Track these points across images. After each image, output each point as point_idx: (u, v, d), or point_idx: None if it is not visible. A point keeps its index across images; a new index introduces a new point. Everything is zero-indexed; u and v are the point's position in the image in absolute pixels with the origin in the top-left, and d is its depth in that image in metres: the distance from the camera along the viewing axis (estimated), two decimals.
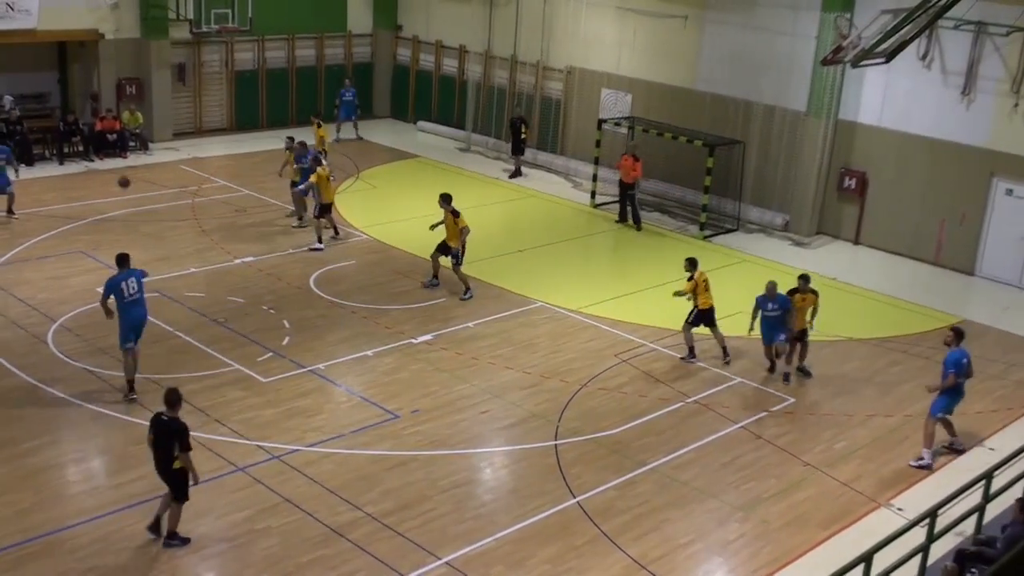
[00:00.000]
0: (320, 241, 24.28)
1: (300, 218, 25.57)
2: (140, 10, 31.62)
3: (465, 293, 21.86)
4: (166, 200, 27.12)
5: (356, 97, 34.85)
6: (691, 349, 19.62)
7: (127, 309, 16.50)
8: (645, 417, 17.35)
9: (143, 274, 17.09)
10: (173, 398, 13.05)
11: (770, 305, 18.61)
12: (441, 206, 21.99)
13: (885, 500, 15.40)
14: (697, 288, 19.45)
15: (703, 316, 19.53)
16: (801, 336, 19.02)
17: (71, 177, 28.80)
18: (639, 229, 27.56)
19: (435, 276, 22.27)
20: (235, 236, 24.74)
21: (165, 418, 12.99)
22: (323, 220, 24.38)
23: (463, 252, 21.94)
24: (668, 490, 15.30)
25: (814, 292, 19.06)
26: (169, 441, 12.92)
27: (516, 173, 31.78)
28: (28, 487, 14.30)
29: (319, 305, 21.12)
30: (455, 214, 21.79)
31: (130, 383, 16.73)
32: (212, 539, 13.48)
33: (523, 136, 31.69)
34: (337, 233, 25.13)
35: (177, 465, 12.98)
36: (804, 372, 19.24)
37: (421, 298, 21.70)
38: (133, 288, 16.56)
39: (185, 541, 13.34)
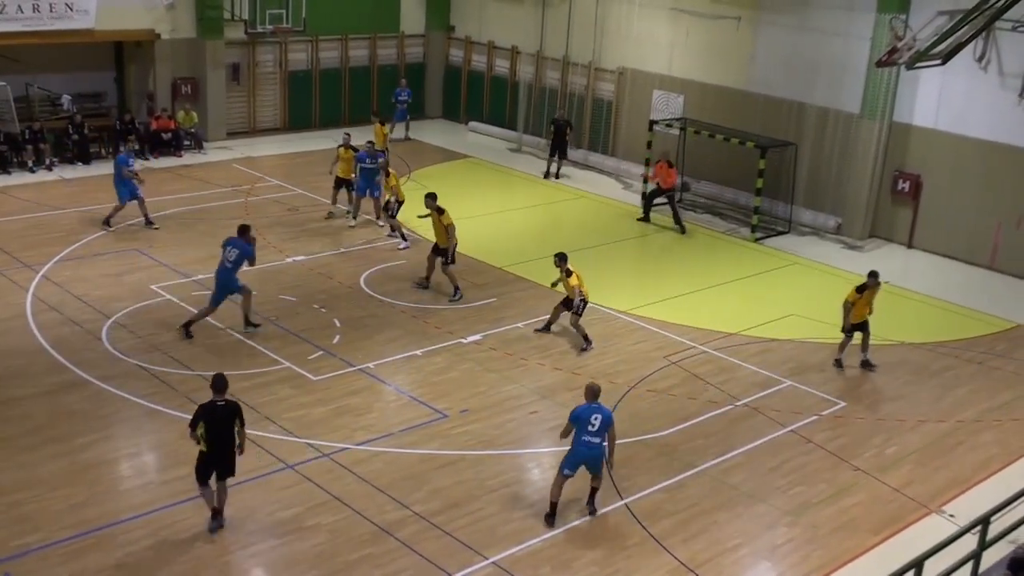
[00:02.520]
0: (404, 238, 24.62)
1: (356, 217, 25.85)
2: (196, 11, 31.97)
3: (455, 294, 21.60)
4: (220, 199, 27.40)
5: (411, 97, 35.07)
6: (586, 336, 19.78)
7: None
8: (694, 420, 17.28)
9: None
10: (222, 383, 13.32)
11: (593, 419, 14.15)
12: (427, 205, 21.89)
13: (937, 506, 15.24)
14: (579, 280, 19.77)
15: (584, 304, 19.81)
16: (863, 327, 19.30)
17: None
18: (683, 231, 27.27)
19: (427, 278, 22.04)
20: (287, 235, 24.93)
21: (221, 403, 13.24)
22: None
23: (454, 252, 21.72)
24: (717, 493, 15.24)
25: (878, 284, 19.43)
26: (231, 423, 13.22)
27: (555, 175, 31.52)
28: (82, 481, 14.51)
29: (369, 304, 21.23)
30: (439, 211, 21.65)
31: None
32: (260, 536, 13.59)
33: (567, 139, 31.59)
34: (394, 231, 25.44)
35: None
36: (867, 365, 19.38)
37: (471, 298, 21.73)
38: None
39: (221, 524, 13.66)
